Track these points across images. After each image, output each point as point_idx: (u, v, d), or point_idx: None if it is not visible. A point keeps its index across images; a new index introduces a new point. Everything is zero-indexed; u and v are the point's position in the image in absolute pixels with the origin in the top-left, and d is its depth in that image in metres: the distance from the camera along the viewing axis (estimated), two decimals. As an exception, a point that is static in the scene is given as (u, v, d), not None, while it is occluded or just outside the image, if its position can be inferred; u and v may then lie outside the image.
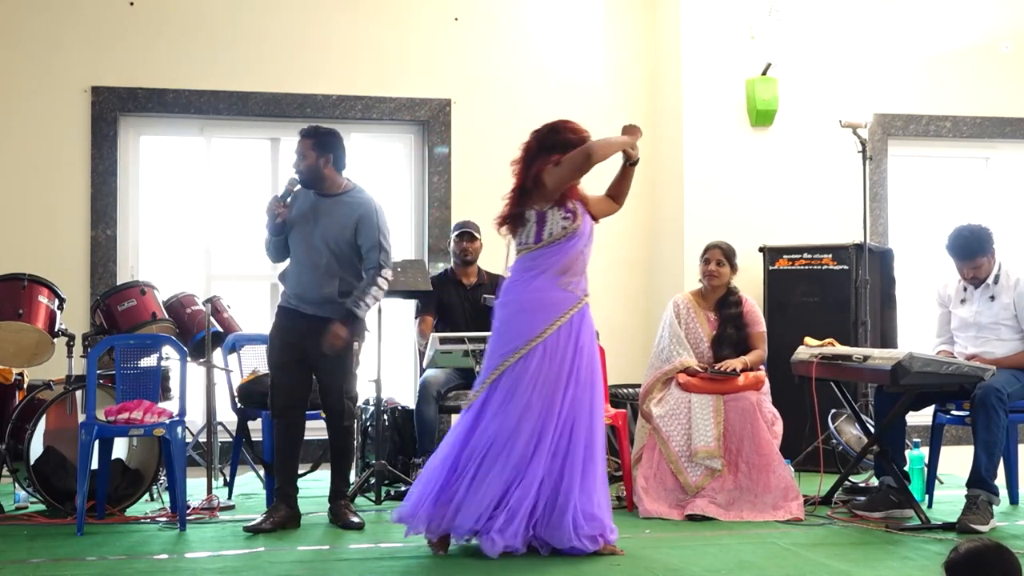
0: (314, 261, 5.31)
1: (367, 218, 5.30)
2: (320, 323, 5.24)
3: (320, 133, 5.40)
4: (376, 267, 5.29)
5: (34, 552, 4.74)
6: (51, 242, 7.14)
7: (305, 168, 5.36)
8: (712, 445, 5.63)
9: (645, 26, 8.03)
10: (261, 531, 5.11)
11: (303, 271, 5.36)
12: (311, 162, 5.34)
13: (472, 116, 7.73)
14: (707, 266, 6.01)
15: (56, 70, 7.22)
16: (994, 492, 5.35)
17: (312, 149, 5.34)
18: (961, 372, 5.35)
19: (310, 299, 5.32)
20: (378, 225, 5.32)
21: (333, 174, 5.37)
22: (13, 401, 5.82)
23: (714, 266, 5.99)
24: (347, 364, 5.39)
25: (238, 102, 7.47)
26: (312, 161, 5.34)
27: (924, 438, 6.14)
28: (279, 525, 5.19)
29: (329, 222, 5.31)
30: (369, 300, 5.29)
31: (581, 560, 4.58)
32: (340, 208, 5.33)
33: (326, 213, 5.33)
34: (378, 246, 5.30)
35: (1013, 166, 8.42)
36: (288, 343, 5.36)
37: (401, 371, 7.57)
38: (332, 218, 5.32)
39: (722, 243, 6.09)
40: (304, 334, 5.29)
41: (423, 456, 6.20)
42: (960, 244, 5.66)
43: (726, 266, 6.01)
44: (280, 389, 5.37)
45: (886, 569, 4.53)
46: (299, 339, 5.31)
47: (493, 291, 6.69)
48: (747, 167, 7.65)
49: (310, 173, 5.36)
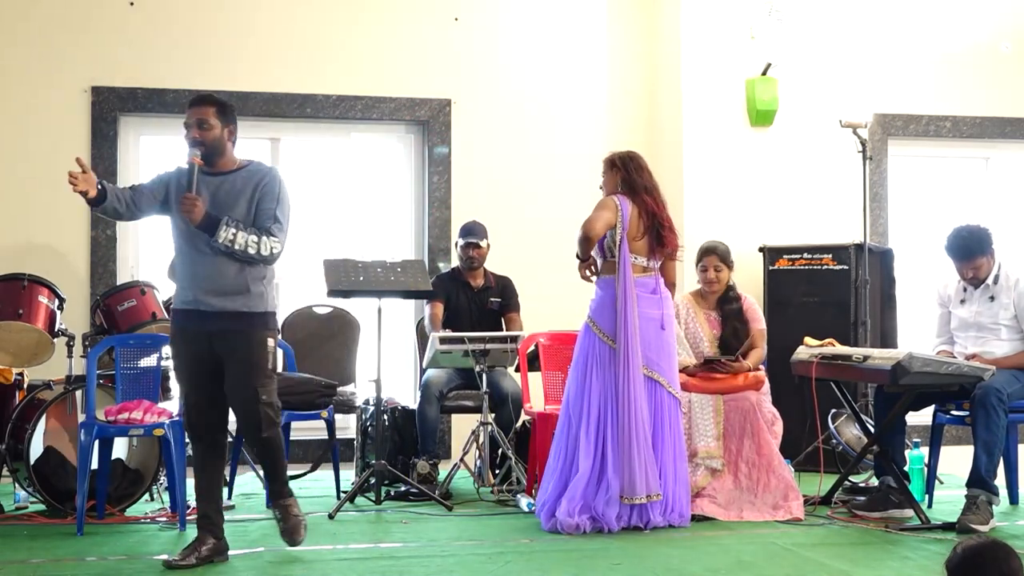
0: (203, 247, 4.55)
1: (268, 186, 4.62)
2: (228, 320, 4.56)
3: (221, 101, 4.74)
4: (266, 231, 4.58)
5: (34, 552, 4.75)
6: (51, 242, 7.14)
7: (211, 140, 4.61)
8: (712, 445, 5.63)
9: (645, 26, 8.03)
10: (183, 567, 4.46)
11: (195, 261, 4.60)
12: (216, 132, 4.62)
13: (472, 116, 7.73)
14: (706, 274, 6.00)
15: (56, 70, 7.22)
16: (994, 492, 5.35)
17: (217, 118, 4.64)
18: (961, 372, 5.35)
19: (210, 290, 4.57)
20: (278, 196, 4.63)
21: (231, 150, 4.71)
22: (13, 401, 5.82)
23: (712, 273, 5.99)
24: (258, 363, 4.60)
25: (238, 102, 7.42)
26: (218, 132, 4.63)
27: (924, 438, 6.14)
28: (204, 560, 4.52)
29: (229, 199, 4.59)
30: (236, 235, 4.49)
31: (581, 558, 4.60)
32: (235, 183, 4.62)
33: (224, 191, 4.61)
34: (272, 218, 4.60)
35: (1013, 166, 8.42)
36: (195, 353, 4.61)
37: (401, 371, 7.57)
38: (225, 194, 4.60)
39: (716, 246, 6.06)
40: (210, 337, 4.58)
41: (424, 456, 6.21)
42: (959, 245, 5.66)
43: (724, 270, 6.01)
44: (195, 408, 4.65)
45: (886, 569, 4.54)
46: (207, 344, 4.58)
47: (500, 294, 6.72)
48: (747, 167, 7.66)
49: (213, 146, 4.62)
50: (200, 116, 4.62)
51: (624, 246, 5.29)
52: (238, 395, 4.60)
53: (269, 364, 4.65)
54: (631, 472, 5.16)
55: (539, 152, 7.78)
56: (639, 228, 5.34)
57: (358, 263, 5.94)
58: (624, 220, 5.30)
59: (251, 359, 4.58)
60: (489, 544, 4.95)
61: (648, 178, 5.44)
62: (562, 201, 7.34)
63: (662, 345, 5.36)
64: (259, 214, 4.61)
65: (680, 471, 5.34)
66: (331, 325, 7.16)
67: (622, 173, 5.42)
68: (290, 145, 7.75)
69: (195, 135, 4.61)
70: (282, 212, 4.64)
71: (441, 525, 5.36)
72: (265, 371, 4.62)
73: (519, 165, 7.76)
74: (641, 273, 5.36)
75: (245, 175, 4.66)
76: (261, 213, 4.61)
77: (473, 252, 6.68)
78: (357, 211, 7.75)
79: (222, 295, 4.57)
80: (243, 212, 4.58)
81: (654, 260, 5.41)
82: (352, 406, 6.74)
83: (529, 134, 7.79)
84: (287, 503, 4.79)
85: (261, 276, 4.63)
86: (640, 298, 5.31)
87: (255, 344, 4.59)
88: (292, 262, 7.63)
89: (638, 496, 5.16)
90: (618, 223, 5.29)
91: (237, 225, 4.51)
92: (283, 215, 4.64)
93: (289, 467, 6.25)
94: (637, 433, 5.18)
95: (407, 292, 6.03)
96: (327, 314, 7.19)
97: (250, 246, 4.51)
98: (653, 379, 5.30)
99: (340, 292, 5.83)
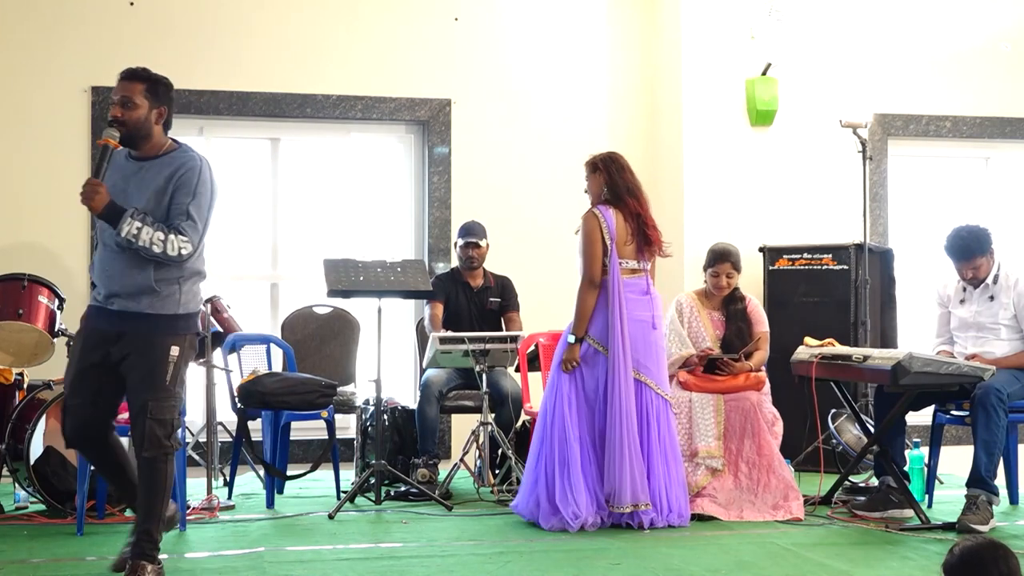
0: (110, 240, 4.14)
1: (186, 177, 4.12)
2: (132, 321, 4.11)
3: (155, 78, 4.22)
4: (175, 228, 4.09)
5: (34, 552, 4.74)
6: (51, 242, 7.14)
7: (132, 121, 4.15)
8: (712, 445, 5.63)
9: (645, 26, 8.03)
10: None
11: (110, 257, 4.17)
12: (142, 113, 4.16)
13: (472, 116, 7.73)
14: (717, 279, 5.98)
15: (56, 70, 7.21)
16: (994, 492, 5.35)
17: (145, 96, 4.16)
18: (961, 372, 5.35)
19: (118, 290, 4.13)
20: (195, 190, 4.12)
21: (160, 134, 4.22)
22: (13, 401, 5.82)
23: (724, 280, 5.98)
24: (154, 372, 4.10)
25: (238, 102, 7.47)
26: (143, 113, 4.15)
27: (924, 438, 6.15)
28: None
29: (141, 189, 4.15)
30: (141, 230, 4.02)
31: (581, 558, 4.60)
32: (157, 170, 4.16)
33: (139, 179, 4.16)
34: (184, 214, 4.10)
35: (1013, 166, 8.42)
36: (91, 354, 4.18)
37: (401, 371, 7.57)
38: (145, 184, 4.15)
39: (729, 251, 6.03)
40: (110, 338, 4.14)
41: (424, 456, 6.21)
42: (959, 245, 5.66)
43: (735, 275, 6.01)
44: (71, 412, 4.20)
45: (886, 569, 4.54)
46: (103, 343, 4.15)
47: (500, 293, 6.72)
48: (747, 167, 7.65)
49: (136, 128, 4.16)
50: (125, 93, 4.16)
51: (613, 255, 5.35)
52: (131, 406, 4.14)
53: (168, 375, 4.10)
54: (620, 481, 5.19)
55: (539, 152, 7.77)
56: (627, 233, 5.40)
57: (358, 263, 5.94)
58: (611, 231, 5.36)
59: (147, 367, 4.10)
60: (489, 544, 4.95)
61: (630, 178, 5.49)
62: (562, 201, 7.33)
63: (650, 347, 5.40)
64: (172, 208, 4.12)
65: (675, 473, 5.35)
66: (331, 325, 7.17)
67: (604, 176, 5.47)
68: (290, 145, 7.75)
69: (115, 114, 4.15)
70: (197, 208, 4.12)
71: (441, 525, 5.36)
72: (161, 383, 4.09)
73: (519, 165, 7.76)
74: (631, 275, 5.42)
75: (164, 162, 4.16)
76: (174, 208, 4.11)
77: (472, 252, 6.68)
78: (357, 211, 7.75)
79: (126, 294, 4.12)
80: (151, 203, 4.10)
81: (644, 261, 5.47)
82: (352, 406, 6.74)
83: (529, 134, 7.79)
84: (140, 565, 4.06)
85: (175, 276, 4.16)
86: (630, 300, 5.37)
87: (155, 351, 4.10)
88: (292, 262, 7.67)
89: (626, 505, 5.19)
90: (605, 235, 5.34)
91: (143, 219, 4.04)
92: (198, 212, 4.12)
93: (289, 467, 6.33)
94: (628, 443, 5.21)
95: (407, 292, 6.04)
96: (327, 314, 7.19)
97: (155, 244, 4.04)
98: (642, 382, 5.33)
99: (340, 292, 5.83)
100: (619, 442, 5.20)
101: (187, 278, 4.20)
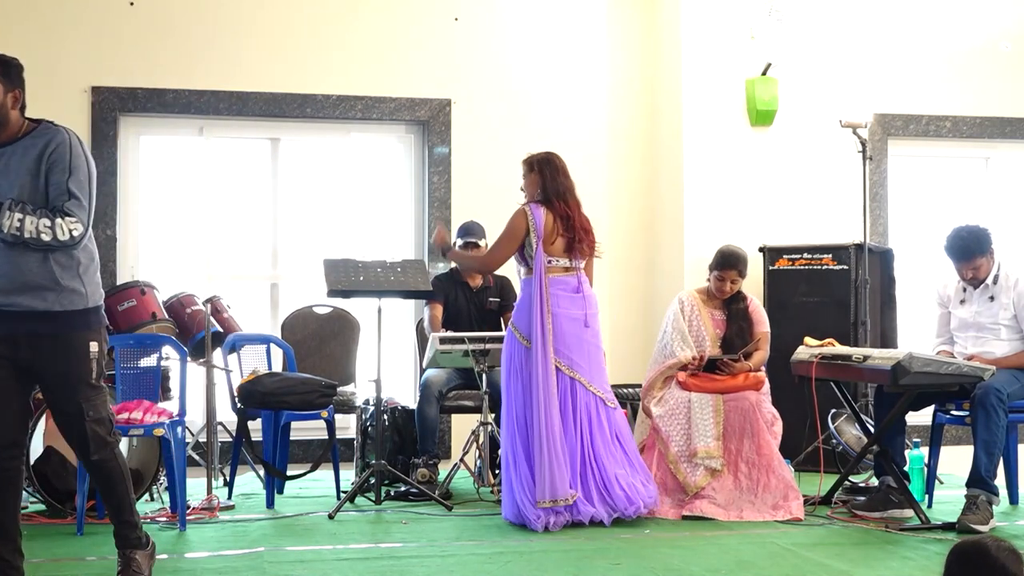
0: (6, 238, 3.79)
1: (58, 153, 3.83)
2: (37, 321, 3.83)
3: (5, 59, 3.98)
4: (60, 210, 3.80)
5: (34, 552, 4.73)
6: (51, 242, 7.12)
7: None
8: (712, 445, 5.63)
9: (645, 26, 8.04)
10: None
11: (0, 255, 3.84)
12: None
13: (472, 116, 7.73)
14: (722, 284, 5.97)
15: (56, 70, 7.21)
16: (994, 492, 5.35)
17: None
18: (961, 372, 5.35)
19: (13, 288, 3.82)
20: (70, 164, 3.83)
21: (18, 118, 3.93)
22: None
23: (729, 285, 5.97)
24: (78, 373, 3.88)
25: (238, 102, 7.47)
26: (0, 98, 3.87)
27: (924, 438, 6.15)
28: None
29: (10, 177, 3.83)
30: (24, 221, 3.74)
31: (581, 558, 4.61)
32: (23, 153, 3.85)
33: (4, 167, 3.85)
34: (66, 192, 3.81)
35: (1013, 166, 8.42)
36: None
37: (401, 371, 7.57)
38: (13, 170, 3.84)
39: (739, 259, 5.99)
40: (16, 342, 3.84)
41: (423, 456, 6.21)
42: (958, 245, 5.66)
43: (739, 282, 6.01)
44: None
45: (886, 569, 4.54)
46: (10, 350, 3.84)
47: (499, 293, 6.72)
48: (747, 167, 7.65)
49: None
50: None
51: (539, 251, 5.43)
52: (60, 413, 3.95)
53: (93, 373, 3.90)
54: (542, 476, 5.22)
55: (539, 152, 7.76)
56: (554, 231, 5.48)
57: (358, 263, 5.94)
58: (538, 227, 5.46)
59: (70, 370, 3.87)
60: (489, 544, 4.95)
61: (563, 180, 5.60)
62: (562, 201, 7.32)
63: (583, 344, 5.44)
64: (50, 189, 3.83)
65: (629, 463, 5.40)
66: (331, 325, 7.17)
67: (538, 176, 5.61)
68: (290, 145, 7.75)
69: None
70: (77, 184, 3.83)
71: (441, 525, 5.36)
72: (88, 382, 3.89)
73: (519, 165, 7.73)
74: (563, 273, 5.50)
75: (28, 144, 3.86)
76: (52, 188, 3.82)
77: (472, 252, 6.67)
78: (357, 211, 7.75)
79: (26, 292, 3.82)
80: (26, 189, 3.81)
81: (576, 260, 5.54)
82: (352, 406, 6.75)
83: (529, 134, 7.76)
84: (130, 555, 4.00)
85: (74, 265, 3.88)
86: (561, 297, 5.44)
87: (73, 351, 3.87)
88: (292, 262, 7.67)
89: (548, 499, 5.21)
90: (532, 230, 5.46)
91: (23, 208, 3.76)
92: (78, 187, 3.83)
93: (289, 467, 6.33)
94: (548, 437, 5.24)
95: (407, 292, 6.04)
96: (327, 314, 7.19)
97: (43, 232, 3.76)
98: (575, 380, 5.37)
99: (340, 292, 5.83)
100: (537, 437, 5.25)
101: (87, 267, 3.94)
